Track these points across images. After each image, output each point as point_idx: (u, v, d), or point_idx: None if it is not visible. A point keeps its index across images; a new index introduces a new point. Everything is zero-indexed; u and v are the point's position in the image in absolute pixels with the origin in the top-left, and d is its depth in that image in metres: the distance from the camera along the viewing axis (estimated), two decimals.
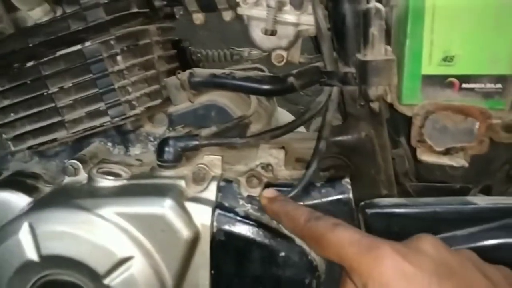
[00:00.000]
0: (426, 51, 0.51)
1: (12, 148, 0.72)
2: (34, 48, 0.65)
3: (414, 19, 0.51)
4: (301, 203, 0.59)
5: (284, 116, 1.02)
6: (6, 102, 0.69)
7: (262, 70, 0.93)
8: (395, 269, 0.38)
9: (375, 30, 0.51)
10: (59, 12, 0.67)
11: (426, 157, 0.54)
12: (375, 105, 0.59)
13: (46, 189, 0.69)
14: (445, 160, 0.53)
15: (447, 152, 0.53)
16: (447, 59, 0.51)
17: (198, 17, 0.74)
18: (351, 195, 0.58)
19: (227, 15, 0.73)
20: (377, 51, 0.52)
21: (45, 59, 0.66)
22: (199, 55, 0.93)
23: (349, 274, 0.42)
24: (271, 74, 0.69)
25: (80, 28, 0.64)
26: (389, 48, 0.53)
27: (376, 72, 0.52)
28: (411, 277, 0.38)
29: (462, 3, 0.49)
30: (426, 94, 0.52)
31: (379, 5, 0.50)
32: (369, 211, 0.56)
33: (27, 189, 0.68)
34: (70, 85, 0.67)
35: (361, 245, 0.41)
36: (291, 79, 0.67)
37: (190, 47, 0.88)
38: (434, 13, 0.50)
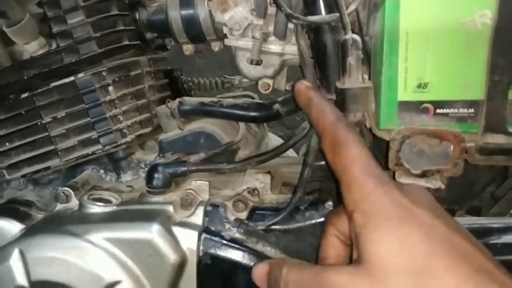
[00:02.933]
0: (401, 79, 0.53)
1: (7, 177, 0.73)
2: (29, 80, 0.68)
3: (389, 48, 0.53)
4: (286, 227, 0.60)
5: (275, 141, 1.04)
6: (1, 132, 0.72)
7: (252, 97, 0.95)
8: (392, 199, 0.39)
9: (352, 59, 0.53)
10: (53, 46, 0.71)
11: (403, 179, 0.55)
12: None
13: (39, 216, 0.71)
14: (422, 183, 0.55)
15: (423, 174, 0.55)
16: (422, 86, 0.53)
17: (188, 48, 0.77)
18: None
19: (216, 46, 0.76)
20: (354, 79, 0.54)
21: (40, 90, 0.68)
22: (190, 83, 0.96)
23: (344, 194, 0.42)
24: (257, 101, 0.72)
25: (73, 60, 0.66)
26: (365, 76, 0.55)
27: (354, 99, 0.54)
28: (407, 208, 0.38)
29: (434, 31, 0.52)
30: (403, 119, 0.54)
31: (355, 36, 0.53)
32: None
33: (20, 216, 0.69)
34: (63, 115, 0.69)
35: (370, 172, 0.41)
36: (276, 106, 0.69)
37: (181, 76, 0.91)
38: (407, 42, 0.53)
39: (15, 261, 0.58)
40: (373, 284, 0.36)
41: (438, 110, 0.54)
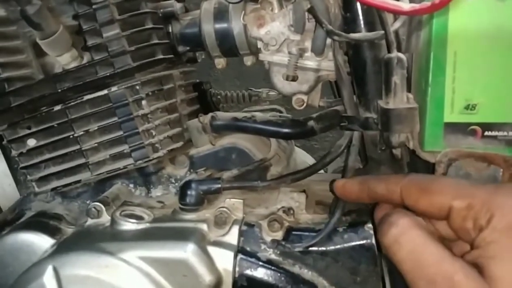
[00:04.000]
0: (448, 99, 0.52)
1: (36, 189, 0.73)
2: (62, 93, 0.67)
3: (435, 68, 0.52)
4: (324, 249, 0.59)
5: (302, 156, 1.03)
6: (32, 144, 0.71)
7: (280, 111, 0.94)
8: None
9: (397, 79, 0.52)
10: (86, 58, 0.70)
11: None
12: (397, 151, 0.59)
13: (69, 230, 0.70)
14: None
15: None
16: (469, 107, 0.52)
17: (220, 62, 0.76)
18: (374, 241, 0.58)
19: (248, 60, 0.75)
20: (399, 100, 0.52)
21: (72, 103, 0.68)
22: (218, 96, 0.95)
23: (458, 217, 0.41)
24: (291, 118, 0.70)
25: (107, 74, 0.66)
26: (411, 96, 0.53)
27: (399, 120, 0.52)
28: None
29: (484, 51, 0.50)
30: (449, 141, 0.53)
31: (401, 55, 0.52)
32: None
33: (50, 231, 0.68)
34: (96, 128, 0.68)
35: (484, 186, 0.41)
36: (311, 123, 0.68)
37: (210, 89, 0.90)
38: (455, 62, 0.51)
39: (48, 278, 0.57)
40: None
41: (486, 133, 0.52)
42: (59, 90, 0.67)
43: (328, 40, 0.65)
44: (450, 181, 0.44)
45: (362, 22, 0.59)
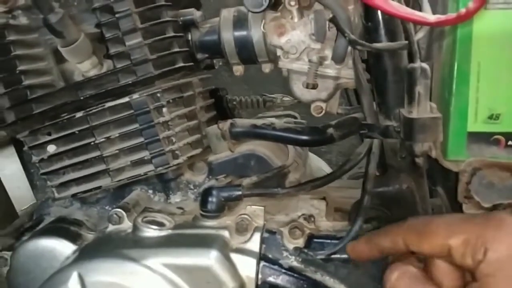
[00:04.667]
0: (471, 109, 0.52)
1: (56, 195, 0.73)
2: (84, 100, 0.68)
3: (459, 78, 0.52)
4: (345, 256, 0.59)
5: (316, 161, 1.03)
6: (52, 150, 0.72)
7: (295, 117, 0.95)
8: None
9: (421, 88, 0.52)
10: (106, 66, 0.71)
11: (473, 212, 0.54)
12: (419, 160, 0.59)
13: (89, 236, 0.70)
14: None
15: (494, 208, 0.53)
16: (493, 117, 0.52)
17: (238, 69, 0.76)
18: None
19: (266, 67, 0.75)
20: (422, 109, 0.53)
21: (94, 110, 0.68)
22: (234, 102, 0.95)
23: (458, 254, 0.43)
24: (310, 126, 0.71)
25: (129, 81, 0.66)
26: (434, 105, 0.54)
27: (423, 129, 0.53)
28: None
29: (507, 62, 0.51)
30: (472, 150, 0.53)
31: (425, 65, 0.52)
32: None
33: (71, 237, 0.69)
34: (116, 135, 0.69)
35: (475, 219, 0.43)
36: (330, 130, 0.68)
37: (227, 96, 0.91)
38: (479, 72, 0.52)
39: (73, 285, 0.57)
40: None
41: (510, 142, 0.52)
42: (81, 98, 0.68)
43: (348, 48, 0.66)
44: (443, 220, 0.46)
45: (383, 31, 0.60)
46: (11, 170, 0.94)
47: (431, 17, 0.50)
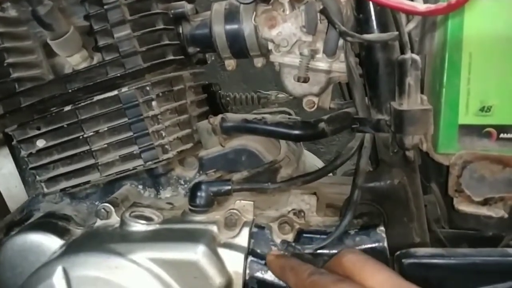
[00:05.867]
0: (462, 101, 0.51)
1: (45, 190, 0.73)
2: (72, 93, 0.67)
3: (450, 69, 0.51)
4: (334, 251, 0.58)
5: (310, 158, 1.02)
6: (41, 145, 0.71)
7: (289, 113, 0.94)
8: None
9: (411, 80, 0.51)
10: (96, 59, 0.70)
11: (464, 207, 0.53)
12: (410, 153, 0.58)
13: (77, 231, 0.70)
14: (483, 211, 0.52)
15: (485, 202, 0.52)
16: (484, 109, 0.51)
17: (230, 63, 0.75)
18: (386, 244, 0.58)
19: (258, 62, 0.75)
20: (413, 101, 0.52)
21: (82, 103, 0.67)
22: (227, 98, 0.94)
23: None
24: (302, 120, 0.70)
25: (118, 74, 0.65)
26: (424, 97, 0.53)
27: (413, 121, 0.52)
28: None
29: (499, 53, 0.50)
30: (463, 143, 0.52)
31: (415, 56, 0.51)
32: (405, 261, 0.55)
33: (59, 232, 0.68)
34: (105, 129, 0.68)
35: None
36: (322, 125, 0.67)
37: (219, 91, 0.90)
38: (470, 63, 0.51)
39: (58, 279, 0.56)
40: None
41: (501, 135, 0.51)
42: (70, 91, 0.67)
43: (340, 42, 0.65)
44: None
45: (375, 23, 0.59)
46: (8, 169, 0.94)
47: (421, 7, 0.49)
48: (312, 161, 1.02)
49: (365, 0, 0.57)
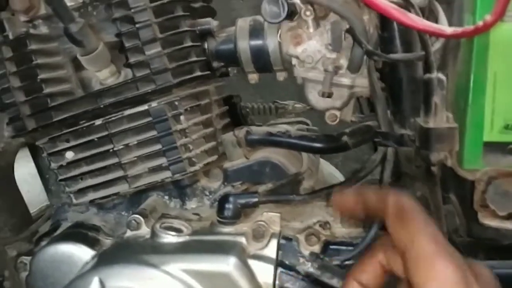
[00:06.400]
0: (487, 119, 0.53)
1: (74, 201, 0.74)
2: (103, 108, 0.69)
3: (476, 88, 0.53)
4: None
5: (327, 167, 1.04)
6: (71, 157, 0.73)
7: (307, 124, 0.96)
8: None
9: (438, 99, 0.53)
10: (124, 74, 0.72)
11: (488, 221, 0.55)
12: (434, 168, 0.60)
13: (107, 241, 0.72)
14: (508, 225, 0.54)
15: (510, 216, 0.54)
16: (509, 127, 0.53)
17: (253, 77, 0.77)
18: None
19: (281, 76, 0.77)
20: (439, 119, 0.54)
21: (113, 118, 0.69)
22: (247, 109, 0.96)
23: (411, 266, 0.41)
24: (325, 134, 0.72)
25: (148, 90, 0.67)
26: (450, 115, 0.55)
27: (439, 139, 0.54)
28: None
29: None
30: (488, 160, 0.54)
31: (441, 76, 0.53)
32: None
33: (90, 242, 0.70)
34: (135, 142, 0.70)
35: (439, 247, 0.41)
36: (345, 138, 0.70)
37: (240, 102, 0.92)
38: (495, 83, 0.53)
39: None
40: None
41: None
42: (101, 106, 0.69)
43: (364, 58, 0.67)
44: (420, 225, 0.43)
45: (399, 41, 0.61)
46: (21, 174, 0.96)
47: (448, 29, 0.51)
48: (328, 169, 1.04)
49: (391, 20, 0.59)
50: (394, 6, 0.52)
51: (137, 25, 0.66)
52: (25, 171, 1.04)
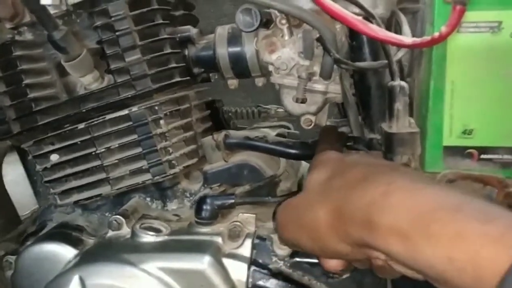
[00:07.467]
0: (446, 125, 0.56)
1: (59, 202, 0.77)
2: (86, 112, 0.72)
3: (435, 95, 0.56)
4: None
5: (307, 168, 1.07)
6: (55, 159, 0.75)
7: (288, 128, 0.99)
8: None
9: (400, 105, 0.56)
10: (107, 79, 0.75)
11: None
12: None
13: (90, 241, 0.74)
14: None
15: None
16: (466, 132, 0.56)
17: (233, 83, 0.80)
18: None
19: (259, 81, 0.80)
20: (401, 124, 0.57)
21: (95, 122, 0.72)
22: (230, 113, 0.99)
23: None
24: (300, 141, 0.75)
25: (129, 95, 0.70)
26: (412, 120, 0.58)
27: (401, 143, 0.57)
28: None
29: (479, 81, 0.55)
30: (448, 163, 0.57)
31: (403, 83, 0.56)
32: None
33: (73, 242, 0.73)
34: (116, 145, 0.73)
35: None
36: None
37: (222, 107, 0.95)
38: (453, 90, 0.56)
39: (75, 287, 0.61)
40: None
41: (482, 156, 0.56)
42: (83, 110, 0.72)
43: (335, 66, 0.70)
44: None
45: (367, 50, 0.64)
46: (13, 176, 0.98)
47: (408, 40, 0.54)
48: None
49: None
50: (357, 18, 0.55)
51: (117, 33, 0.68)
52: (18, 173, 1.06)
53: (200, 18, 0.90)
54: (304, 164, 1.03)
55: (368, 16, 0.57)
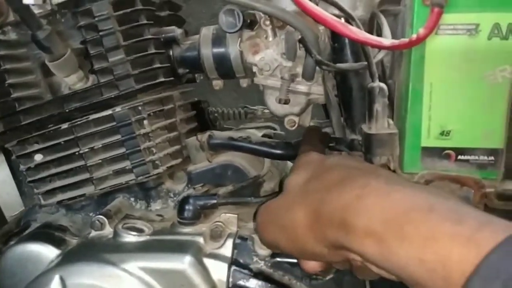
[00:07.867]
0: (425, 126, 0.57)
1: (43, 202, 0.77)
2: (69, 112, 0.72)
3: (414, 97, 0.56)
4: None
5: None
6: (39, 159, 0.75)
7: (274, 128, 0.99)
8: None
9: (379, 106, 0.57)
10: (91, 79, 0.75)
11: None
12: None
13: (73, 241, 0.74)
14: None
15: None
16: (444, 133, 0.56)
17: (218, 83, 0.81)
18: None
19: (244, 82, 0.80)
20: (380, 125, 0.57)
21: (78, 122, 0.72)
22: (216, 114, 1.00)
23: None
24: (284, 141, 0.76)
25: (112, 95, 0.70)
26: (391, 122, 0.58)
27: (380, 144, 0.57)
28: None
29: (457, 83, 0.55)
30: (426, 164, 0.58)
31: (382, 85, 0.56)
32: None
33: (56, 242, 0.73)
34: (100, 145, 0.73)
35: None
36: None
37: (208, 107, 0.95)
38: (431, 92, 0.56)
39: (55, 286, 0.61)
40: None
41: (459, 157, 0.57)
42: (67, 110, 0.72)
43: (316, 67, 0.70)
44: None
45: (349, 51, 0.65)
46: (0, 177, 0.97)
47: (387, 42, 0.54)
48: None
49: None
50: (337, 19, 0.55)
51: (100, 33, 0.69)
52: (5, 174, 1.05)
53: (191, 19, 0.90)
54: (290, 164, 1.04)
55: (348, 18, 0.58)
